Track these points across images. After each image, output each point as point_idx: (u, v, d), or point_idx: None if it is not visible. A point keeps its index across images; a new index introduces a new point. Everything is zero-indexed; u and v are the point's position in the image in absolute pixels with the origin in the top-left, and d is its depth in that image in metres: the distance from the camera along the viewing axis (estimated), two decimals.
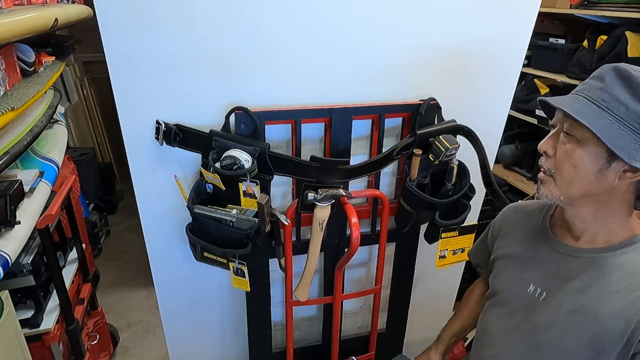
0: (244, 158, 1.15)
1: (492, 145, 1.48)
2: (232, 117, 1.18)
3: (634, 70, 0.74)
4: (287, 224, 1.25)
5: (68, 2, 2.20)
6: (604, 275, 0.80)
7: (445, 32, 1.28)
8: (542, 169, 0.84)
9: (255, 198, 1.18)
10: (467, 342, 1.25)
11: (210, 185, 1.23)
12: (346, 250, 1.37)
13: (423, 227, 1.49)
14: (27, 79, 1.58)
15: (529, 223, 0.99)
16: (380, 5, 1.19)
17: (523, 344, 0.90)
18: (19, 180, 1.26)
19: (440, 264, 1.42)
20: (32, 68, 1.64)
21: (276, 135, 1.30)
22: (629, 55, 2.14)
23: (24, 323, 1.43)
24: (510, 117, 1.45)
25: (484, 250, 1.15)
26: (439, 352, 1.19)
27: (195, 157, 1.23)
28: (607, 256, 0.81)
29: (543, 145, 0.82)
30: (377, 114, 1.29)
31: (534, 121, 2.54)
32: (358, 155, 1.36)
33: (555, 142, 0.81)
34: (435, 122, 1.33)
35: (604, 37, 2.22)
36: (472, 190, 1.36)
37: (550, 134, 0.82)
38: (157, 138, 1.17)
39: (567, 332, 0.82)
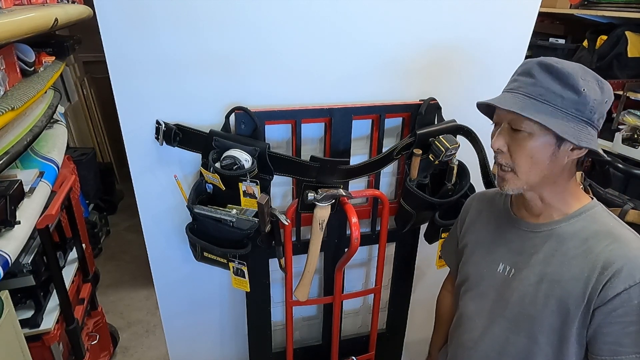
0: (244, 158, 1.15)
1: None
2: (232, 117, 1.18)
3: (556, 62, 0.80)
4: (287, 224, 1.25)
5: (68, 2, 2.20)
6: (562, 244, 0.87)
7: (446, 32, 1.28)
8: (500, 166, 0.89)
9: (255, 198, 1.18)
10: None
11: (210, 185, 1.23)
12: (346, 250, 1.37)
13: (423, 227, 1.49)
14: (27, 79, 1.58)
15: (491, 208, 1.05)
16: (381, 5, 1.19)
17: (501, 321, 0.95)
18: (19, 180, 1.26)
19: (440, 264, 1.42)
20: (32, 68, 1.64)
21: (276, 135, 1.30)
22: (629, 55, 2.14)
23: (24, 323, 1.43)
24: None
25: (454, 244, 1.16)
26: None
27: (195, 157, 1.23)
28: (563, 226, 0.88)
29: (495, 143, 0.86)
30: (377, 114, 1.29)
31: None
32: (358, 155, 1.36)
33: (506, 139, 0.85)
34: (435, 122, 1.33)
35: (604, 37, 2.22)
36: (472, 190, 1.36)
37: (498, 132, 0.87)
38: (157, 138, 1.17)
39: (537, 301, 0.88)
